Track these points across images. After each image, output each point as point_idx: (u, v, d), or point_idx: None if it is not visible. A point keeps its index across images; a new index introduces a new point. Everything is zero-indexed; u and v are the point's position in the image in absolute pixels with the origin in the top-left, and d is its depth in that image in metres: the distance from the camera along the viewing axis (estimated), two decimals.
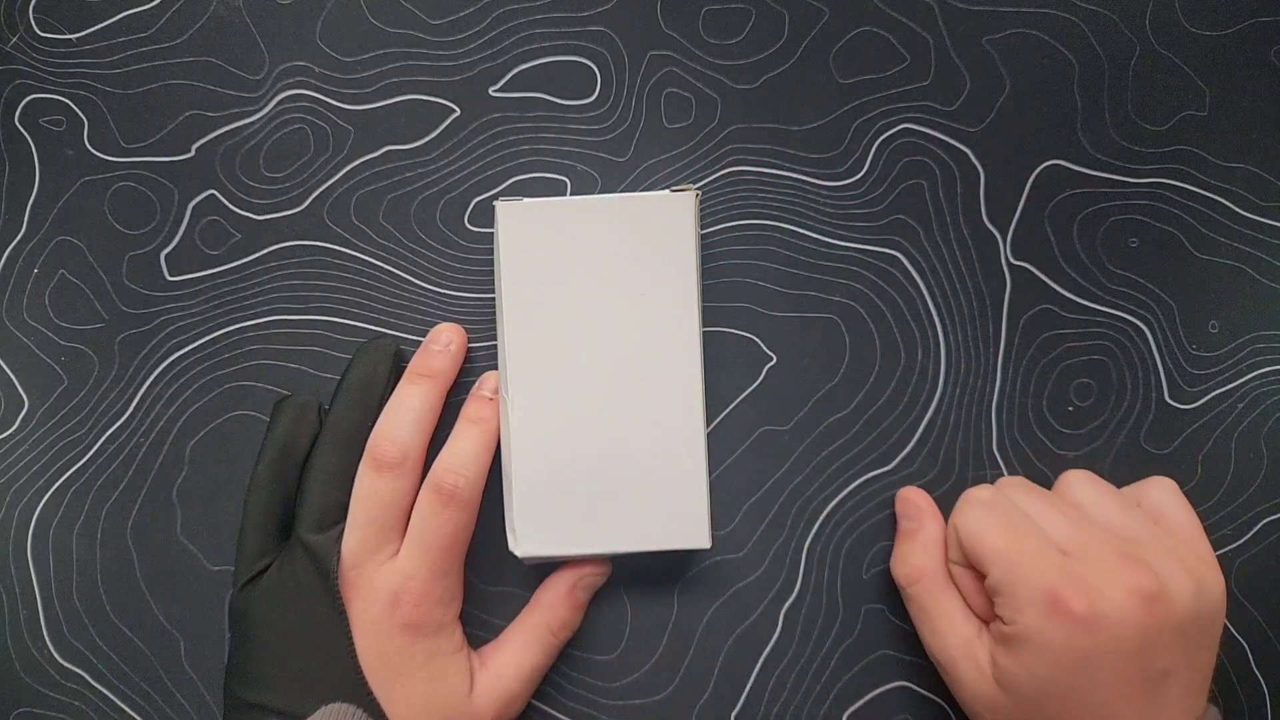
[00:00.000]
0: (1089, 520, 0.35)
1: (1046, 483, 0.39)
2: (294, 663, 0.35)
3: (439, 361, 0.38)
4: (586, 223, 0.36)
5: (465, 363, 0.40)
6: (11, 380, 0.40)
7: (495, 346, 0.40)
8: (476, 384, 0.38)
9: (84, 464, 0.40)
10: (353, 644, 0.35)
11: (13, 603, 0.40)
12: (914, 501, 0.39)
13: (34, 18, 0.41)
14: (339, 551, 0.35)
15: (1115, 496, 0.36)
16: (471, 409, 0.37)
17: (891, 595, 0.40)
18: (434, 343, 0.39)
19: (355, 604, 0.35)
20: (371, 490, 0.36)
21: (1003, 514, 0.35)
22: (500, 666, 0.37)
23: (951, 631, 0.35)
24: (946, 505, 0.38)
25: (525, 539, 0.36)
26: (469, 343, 0.40)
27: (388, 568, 0.36)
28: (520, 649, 0.37)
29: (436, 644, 0.36)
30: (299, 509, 0.37)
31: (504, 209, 0.36)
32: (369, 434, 0.37)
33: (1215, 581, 0.33)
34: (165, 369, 0.40)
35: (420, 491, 0.36)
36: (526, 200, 0.36)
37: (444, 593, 0.36)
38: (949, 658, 0.35)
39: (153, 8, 0.41)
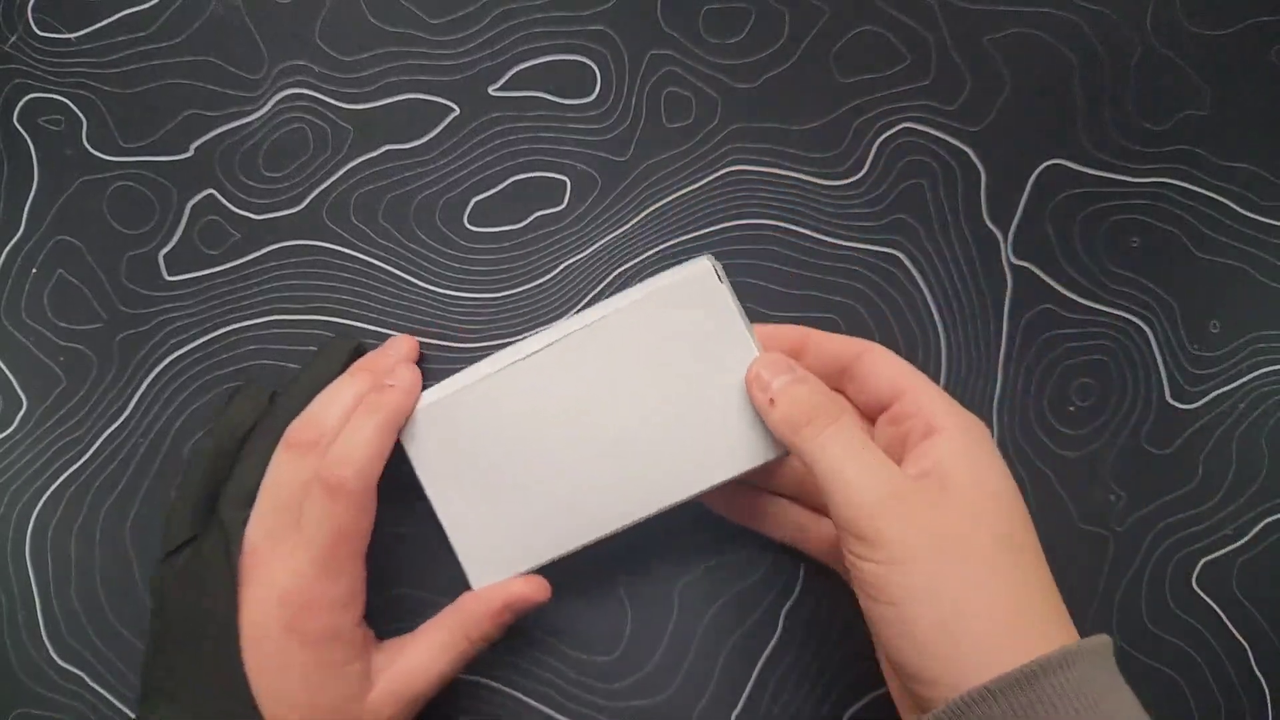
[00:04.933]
0: None
1: (1048, 485, 0.39)
2: (187, 652, 0.33)
3: (384, 362, 0.37)
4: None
5: (442, 365, 0.40)
6: (10, 380, 0.40)
7: (479, 350, 0.40)
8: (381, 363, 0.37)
9: (82, 464, 0.40)
10: (238, 638, 0.33)
11: (11, 604, 0.40)
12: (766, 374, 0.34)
13: (32, 17, 0.41)
14: (243, 534, 0.34)
15: None
16: (370, 397, 0.35)
17: None
18: (390, 348, 0.38)
19: (246, 593, 0.33)
20: (280, 473, 0.34)
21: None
22: (410, 668, 0.35)
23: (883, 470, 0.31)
24: None
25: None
26: (462, 343, 0.40)
27: (282, 562, 0.33)
28: (436, 653, 0.36)
29: (324, 654, 0.33)
30: (225, 485, 0.35)
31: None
32: None
33: None
34: (164, 369, 0.40)
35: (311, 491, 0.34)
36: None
37: (336, 597, 0.33)
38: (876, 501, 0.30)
39: (151, 7, 0.41)
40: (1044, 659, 0.28)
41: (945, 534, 0.30)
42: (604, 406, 0.34)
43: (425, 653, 0.35)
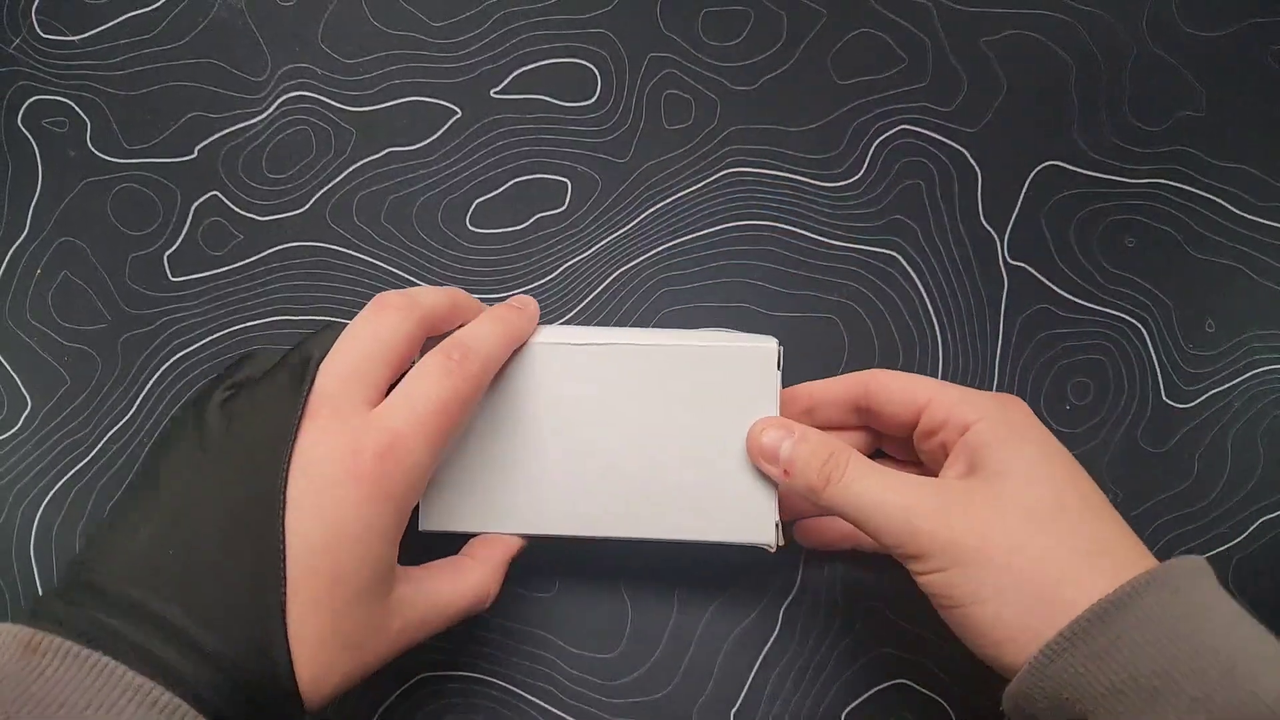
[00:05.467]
0: None
1: None
2: (216, 514, 0.27)
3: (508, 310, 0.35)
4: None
5: None
6: (15, 380, 0.40)
7: None
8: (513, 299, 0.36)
9: (87, 464, 0.40)
10: (283, 499, 0.27)
11: (15, 602, 0.40)
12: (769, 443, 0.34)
13: (37, 19, 0.41)
14: (317, 367, 0.29)
15: None
16: (498, 309, 0.34)
17: (891, 594, 0.40)
18: (516, 302, 0.36)
19: (305, 436, 0.28)
20: (366, 325, 0.30)
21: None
22: (432, 588, 0.32)
23: (912, 492, 0.31)
24: None
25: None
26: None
27: (361, 415, 0.29)
28: (458, 588, 0.33)
29: (378, 517, 0.28)
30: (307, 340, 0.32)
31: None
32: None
33: None
34: (168, 369, 0.40)
35: (425, 356, 0.31)
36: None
37: (419, 462, 0.29)
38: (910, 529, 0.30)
39: (155, 9, 0.41)
40: (1111, 596, 0.27)
41: (979, 527, 0.30)
42: (619, 424, 0.35)
43: (448, 584, 0.33)
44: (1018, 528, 0.30)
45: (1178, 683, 0.26)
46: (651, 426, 0.35)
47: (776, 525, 0.34)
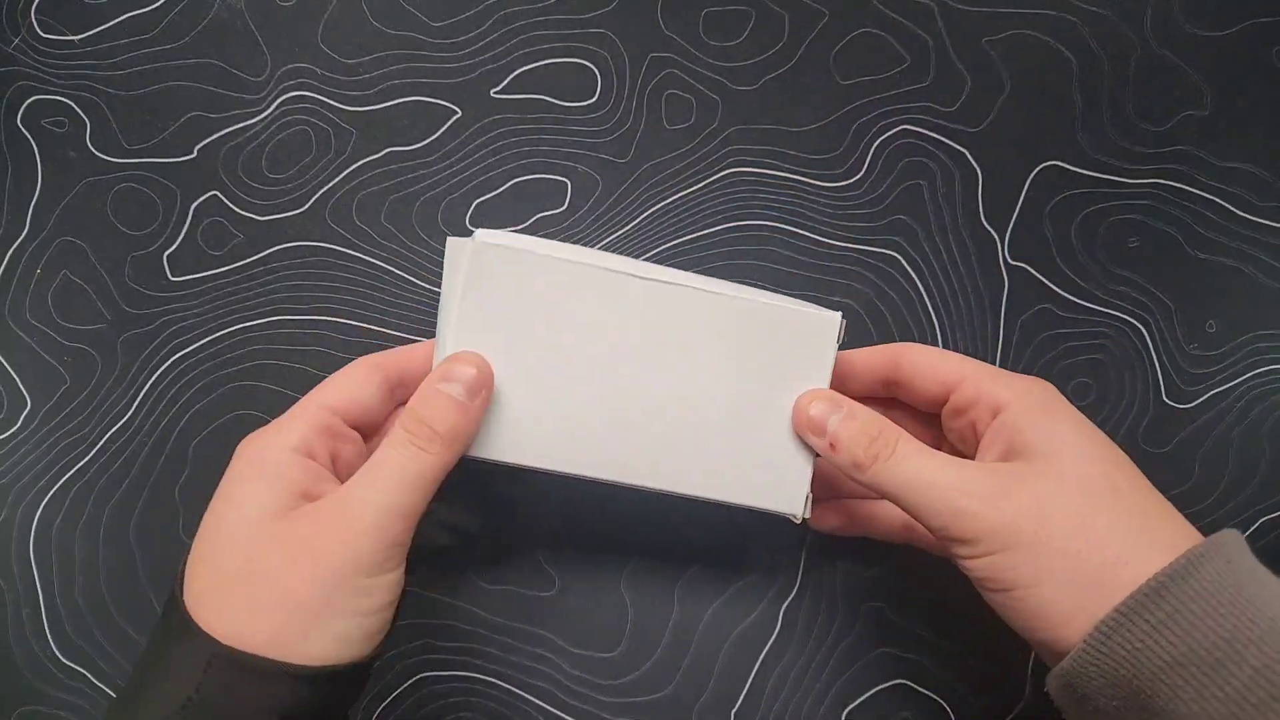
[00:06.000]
0: None
1: None
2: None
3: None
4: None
5: None
6: (14, 380, 0.40)
7: None
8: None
9: (86, 463, 0.40)
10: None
11: (15, 601, 0.40)
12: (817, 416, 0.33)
13: (36, 19, 0.41)
14: None
15: None
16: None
17: (891, 594, 0.40)
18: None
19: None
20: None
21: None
22: (344, 494, 0.30)
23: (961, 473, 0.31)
24: None
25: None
26: None
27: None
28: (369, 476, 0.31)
29: (234, 483, 0.31)
30: None
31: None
32: None
33: None
34: (168, 369, 0.40)
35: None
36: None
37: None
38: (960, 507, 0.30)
39: (155, 9, 0.41)
40: (1170, 567, 0.27)
41: (1035, 509, 0.29)
42: (663, 367, 0.33)
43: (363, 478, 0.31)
44: (1077, 509, 0.29)
45: (1239, 653, 0.26)
46: (696, 376, 0.33)
47: (807, 497, 0.34)
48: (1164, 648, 0.27)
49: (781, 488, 0.34)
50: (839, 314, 0.34)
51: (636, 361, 0.33)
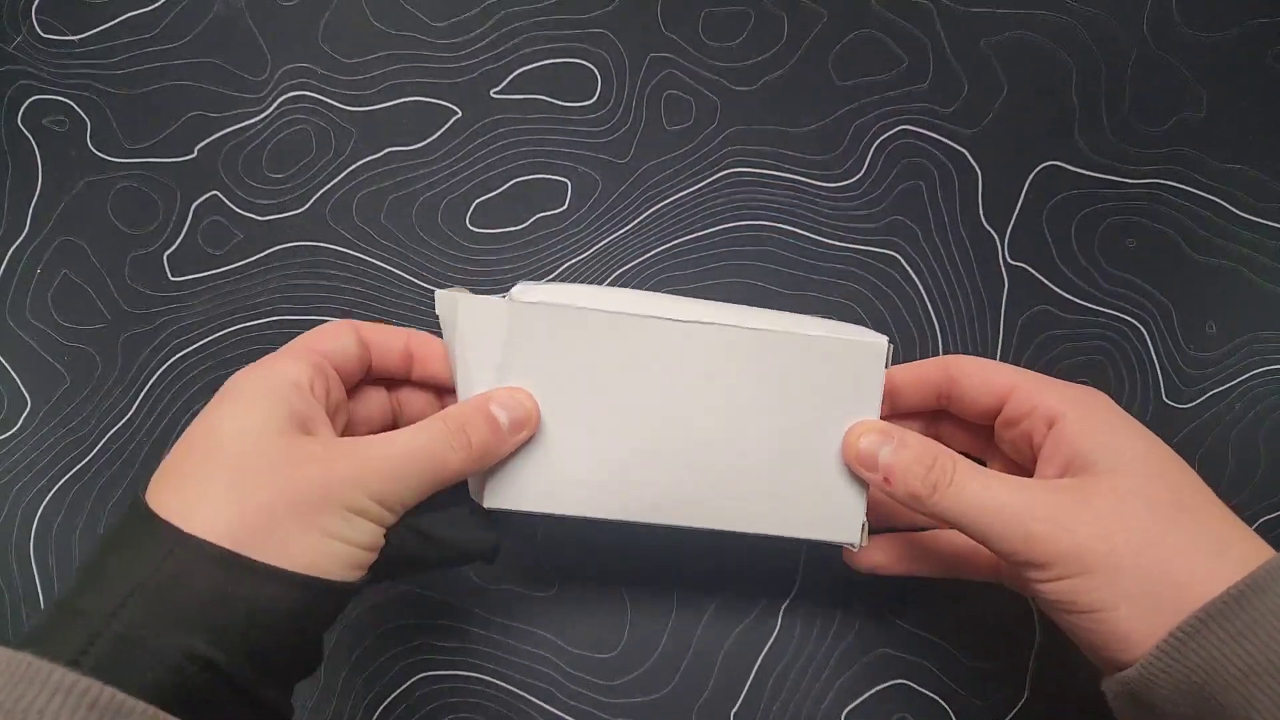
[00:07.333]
0: None
1: None
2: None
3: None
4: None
5: None
6: (14, 380, 0.40)
7: None
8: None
9: (86, 463, 0.40)
10: None
11: (15, 601, 0.40)
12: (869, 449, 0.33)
13: (36, 19, 0.41)
14: None
15: None
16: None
17: (891, 594, 0.40)
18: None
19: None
20: None
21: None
22: (364, 442, 0.30)
23: (1027, 493, 0.30)
24: None
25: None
26: None
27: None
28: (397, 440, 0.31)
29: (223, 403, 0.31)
30: None
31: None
32: None
33: None
34: (168, 369, 0.40)
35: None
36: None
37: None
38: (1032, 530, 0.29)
39: (155, 9, 0.41)
40: (1250, 578, 0.27)
41: (1105, 531, 0.29)
42: (715, 407, 0.33)
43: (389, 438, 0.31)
44: (1144, 528, 0.29)
45: None
46: (743, 413, 0.33)
47: (864, 524, 0.33)
48: (1241, 657, 0.26)
49: (837, 517, 0.33)
50: (885, 339, 0.33)
51: (681, 404, 0.33)
